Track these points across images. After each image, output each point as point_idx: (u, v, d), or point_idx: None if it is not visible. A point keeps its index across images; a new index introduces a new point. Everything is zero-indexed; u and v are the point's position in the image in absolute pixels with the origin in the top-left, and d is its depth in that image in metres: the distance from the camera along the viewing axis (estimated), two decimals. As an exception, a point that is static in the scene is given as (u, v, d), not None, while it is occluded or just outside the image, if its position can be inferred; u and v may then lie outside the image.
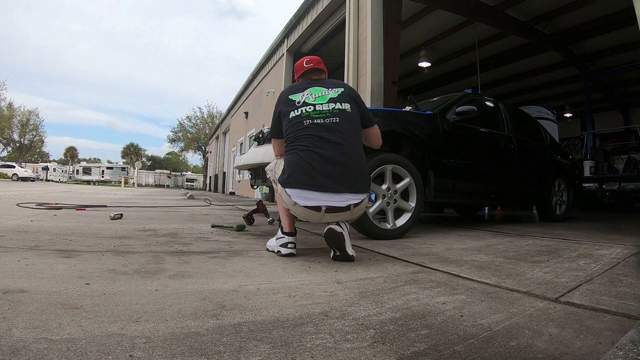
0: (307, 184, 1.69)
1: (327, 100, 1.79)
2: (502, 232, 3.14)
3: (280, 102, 1.89)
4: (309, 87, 1.86)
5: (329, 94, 1.82)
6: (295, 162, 1.74)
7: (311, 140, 1.72)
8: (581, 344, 0.83)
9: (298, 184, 1.71)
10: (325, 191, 1.69)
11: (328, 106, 1.78)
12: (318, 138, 1.72)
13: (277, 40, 10.06)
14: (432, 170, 2.91)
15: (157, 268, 1.47)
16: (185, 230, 2.74)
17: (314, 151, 1.70)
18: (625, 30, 6.62)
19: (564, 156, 4.76)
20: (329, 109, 1.77)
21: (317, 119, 1.75)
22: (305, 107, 1.78)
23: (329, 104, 1.78)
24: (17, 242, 1.92)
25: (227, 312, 0.99)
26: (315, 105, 1.78)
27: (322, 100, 1.79)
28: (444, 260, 1.81)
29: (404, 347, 0.81)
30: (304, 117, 1.76)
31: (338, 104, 1.79)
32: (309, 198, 1.70)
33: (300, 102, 1.80)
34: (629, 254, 1.98)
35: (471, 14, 6.39)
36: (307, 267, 1.60)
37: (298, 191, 1.71)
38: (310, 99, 1.81)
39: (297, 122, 1.77)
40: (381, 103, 4.94)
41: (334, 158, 1.70)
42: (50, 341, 0.76)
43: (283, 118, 1.84)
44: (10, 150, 39.93)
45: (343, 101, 1.81)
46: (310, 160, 1.70)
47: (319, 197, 1.69)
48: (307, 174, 1.69)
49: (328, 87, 1.85)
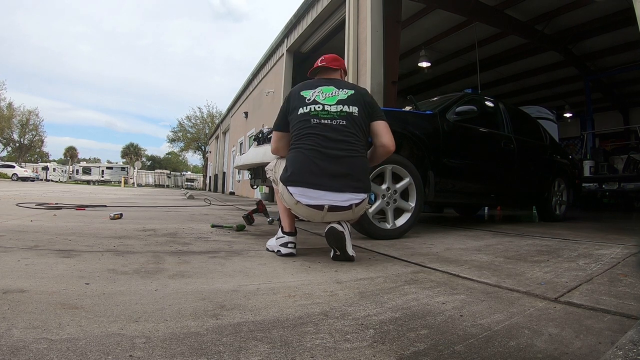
0: (311, 182, 1.69)
1: (335, 102, 1.79)
2: (502, 232, 3.14)
3: (291, 97, 1.89)
4: (321, 86, 1.85)
5: (338, 95, 1.81)
6: (299, 160, 1.73)
7: (316, 139, 1.73)
8: (581, 343, 0.83)
9: (301, 182, 1.71)
10: (328, 190, 1.69)
11: (336, 107, 1.78)
12: (323, 137, 1.72)
13: (277, 40, 10.05)
14: (432, 170, 2.91)
15: (156, 268, 1.47)
16: (185, 230, 2.74)
17: (319, 150, 1.71)
18: (625, 30, 6.61)
19: (564, 156, 4.76)
20: (337, 111, 1.77)
21: (325, 119, 1.76)
22: (315, 106, 1.78)
23: (337, 105, 1.79)
24: (17, 242, 1.92)
25: (227, 312, 0.99)
26: (324, 105, 1.78)
27: (331, 102, 1.80)
28: (444, 260, 1.81)
29: (404, 347, 0.81)
30: (312, 116, 1.77)
31: (346, 106, 1.79)
32: (312, 197, 1.69)
33: (310, 100, 1.80)
34: (629, 254, 1.98)
35: (471, 14, 6.38)
36: (307, 267, 1.60)
37: (301, 189, 1.71)
38: (320, 97, 1.81)
39: (304, 120, 1.77)
40: (381, 103, 4.95)
41: (337, 158, 1.71)
42: (50, 341, 0.76)
43: (291, 112, 1.84)
44: (10, 150, 39.93)
45: (351, 104, 1.80)
46: (314, 158, 1.70)
47: (322, 196, 1.69)
48: (311, 172, 1.70)
49: (339, 88, 1.85)
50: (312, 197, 1.70)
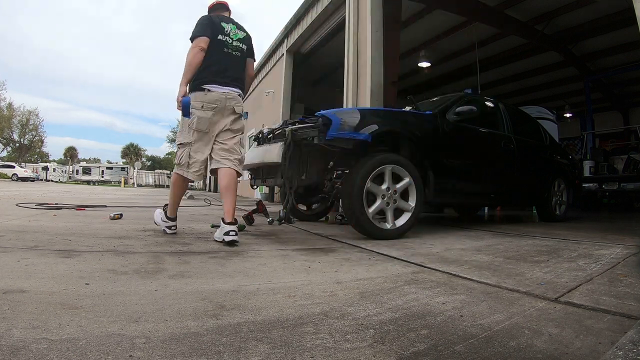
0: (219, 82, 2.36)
1: (236, 39, 2.45)
2: (502, 232, 3.14)
3: (212, 19, 2.39)
4: (230, 23, 2.46)
5: (238, 34, 2.46)
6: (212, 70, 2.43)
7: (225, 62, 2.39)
8: (581, 344, 0.83)
9: (211, 82, 2.33)
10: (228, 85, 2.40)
11: (237, 43, 2.45)
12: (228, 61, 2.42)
13: (277, 40, 10.04)
14: (432, 170, 2.90)
15: (156, 268, 1.47)
16: (185, 230, 2.74)
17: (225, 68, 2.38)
18: (625, 30, 6.61)
19: (564, 156, 4.76)
20: (237, 45, 2.45)
21: (229, 49, 2.40)
22: (227, 37, 2.41)
23: (237, 42, 2.46)
24: (17, 242, 1.92)
25: (226, 312, 0.99)
26: (232, 40, 2.44)
27: (234, 37, 2.45)
28: (444, 260, 1.81)
29: (404, 347, 0.81)
30: (225, 45, 2.38)
31: (241, 44, 2.48)
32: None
33: (227, 32, 2.41)
34: (629, 254, 1.98)
35: (471, 14, 6.38)
36: (307, 267, 1.60)
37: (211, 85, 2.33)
38: (231, 33, 2.44)
39: (219, 46, 2.36)
40: (381, 103, 4.94)
41: (234, 76, 2.43)
42: (50, 341, 0.76)
43: (212, 30, 2.34)
44: (10, 150, 39.93)
45: (244, 43, 2.49)
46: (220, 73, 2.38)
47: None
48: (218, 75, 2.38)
49: (239, 28, 2.48)
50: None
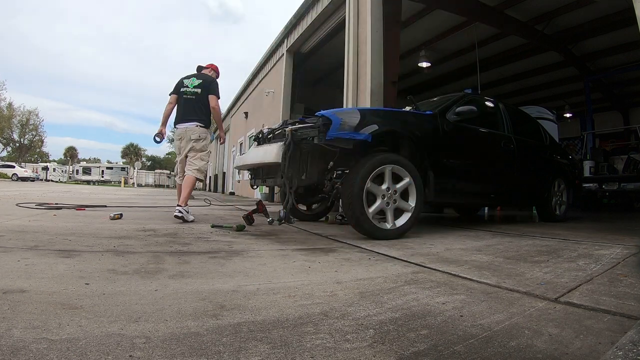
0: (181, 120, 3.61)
1: (192, 86, 3.56)
2: (502, 232, 3.14)
3: (180, 80, 3.64)
4: (192, 78, 3.61)
5: (195, 83, 3.56)
6: (179, 112, 3.68)
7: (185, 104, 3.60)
8: (581, 344, 0.83)
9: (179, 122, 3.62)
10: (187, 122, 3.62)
11: (192, 89, 3.56)
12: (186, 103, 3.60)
13: (277, 40, 10.04)
14: (432, 170, 2.90)
15: (156, 268, 1.47)
16: (185, 230, 2.74)
17: (185, 108, 3.58)
18: (625, 30, 6.61)
19: (564, 156, 4.76)
20: (191, 90, 3.55)
21: (187, 95, 3.56)
22: (185, 88, 3.56)
23: (194, 88, 3.56)
24: (17, 242, 1.92)
25: (226, 312, 0.99)
26: (188, 87, 3.57)
27: (191, 85, 3.57)
28: (444, 260, 1.81)
29: (404, 347, 0.81)
30: (182, 92, 3.57)
31: (196, 89, 3.55)
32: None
33: (186, 85, 3.57)
34: (629, 254, 1.98)
35: (471, 14, 6.38)
36: (307, 267, 1.60)
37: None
38: (190, 84, 3.58)
39: (181, 93, 3.60)
40: (381, 103, 4.94)
41: (191, 111, 3.57)
42: (50, 341, 0.76)
43: (176, 88, 3.63)
44: (10, 150, 39.91)
45: (198, 87, 3.55)
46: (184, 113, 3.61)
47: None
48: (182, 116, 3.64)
49: (198, 78, 3.60)
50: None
